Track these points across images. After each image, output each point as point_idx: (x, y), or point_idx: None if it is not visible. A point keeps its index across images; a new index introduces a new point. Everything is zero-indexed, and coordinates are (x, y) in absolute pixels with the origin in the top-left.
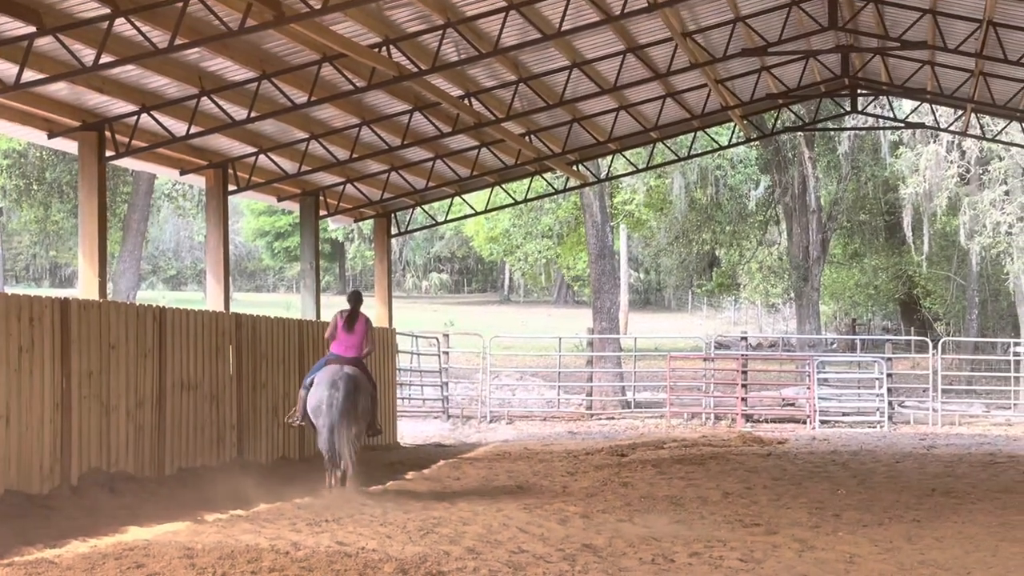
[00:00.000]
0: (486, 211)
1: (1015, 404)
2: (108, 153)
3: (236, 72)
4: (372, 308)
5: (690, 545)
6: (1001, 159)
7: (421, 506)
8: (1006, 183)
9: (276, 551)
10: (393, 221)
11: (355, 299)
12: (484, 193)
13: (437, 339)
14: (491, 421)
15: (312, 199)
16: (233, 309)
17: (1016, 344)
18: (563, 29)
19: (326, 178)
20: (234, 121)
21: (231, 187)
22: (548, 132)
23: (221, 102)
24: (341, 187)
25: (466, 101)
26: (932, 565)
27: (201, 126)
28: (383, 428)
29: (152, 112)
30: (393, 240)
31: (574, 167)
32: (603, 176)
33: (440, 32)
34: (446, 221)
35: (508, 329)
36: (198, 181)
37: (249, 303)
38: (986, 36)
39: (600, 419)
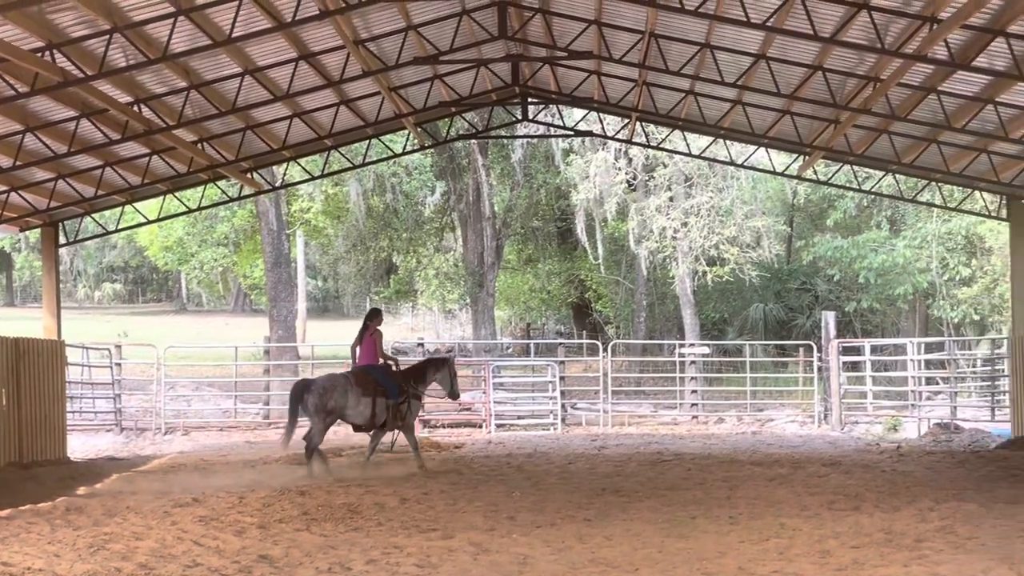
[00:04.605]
0: (159, 219)
1: (680, 403)
2: None
3: None
4: (39, 320)
5: (367, 552)
6: (665, 166)
7: (92, 522)
8: (670, 189)
9: None
10: (62, 230)
11: (368, 315)
12: (157, 201)
13: (109, 350)
14: (166, 433)
15: None
16: None
17: (681, 345)
18: (234, 36)
19: None
20: None
21: None
22: (221, 139)
23: None
24: (5, 196)
25: (136, 108)
26: (602, 563)
27: None
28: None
29: None
30: (63, 250)
31: (248, 175)
32: (278, 184)
33: (106, 37)
34: (117, 230)
35: (184, 339)
36: None
37: None
38: (648, 47)
39: (278, 428)
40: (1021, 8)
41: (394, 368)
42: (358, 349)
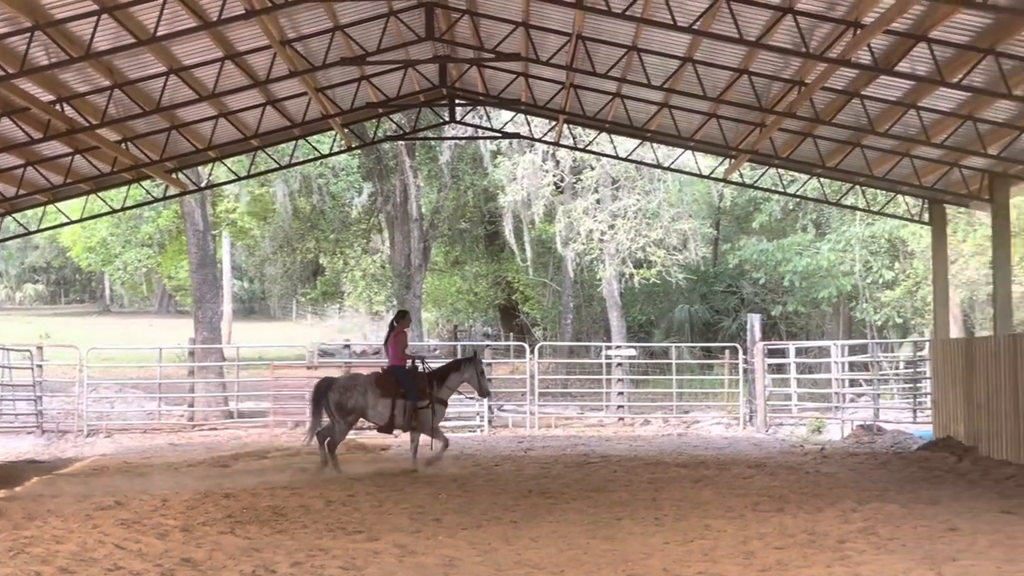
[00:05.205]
0: (82, 220)
1: (607, 405)
2: None
3: None
4: None
5: (292, 555)
6: (593, 168)
7: (11, 525)
8: (597, 192)
9: None
10: None
11: (395, 316)
12: (80, 201)
13: (30, 351)
14: (88, 435)
15: None
16: None
17: (608, 347)
18: (159, 34)
19: None
20: None
21: None
22: (145, 139)
23: None
24: None
25: (58, 106)
26: (528, 565)
27: None
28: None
29: None
30: None
31: (173, 175)
32: (203, 184)
33: (28, 35)
34: (40, 231)
35: (108, 340)
36: None
37: None
38: (575, 49)
39: (203, 430)
40: (943, 14)
41: (420, 369)
42: (385, 350)
